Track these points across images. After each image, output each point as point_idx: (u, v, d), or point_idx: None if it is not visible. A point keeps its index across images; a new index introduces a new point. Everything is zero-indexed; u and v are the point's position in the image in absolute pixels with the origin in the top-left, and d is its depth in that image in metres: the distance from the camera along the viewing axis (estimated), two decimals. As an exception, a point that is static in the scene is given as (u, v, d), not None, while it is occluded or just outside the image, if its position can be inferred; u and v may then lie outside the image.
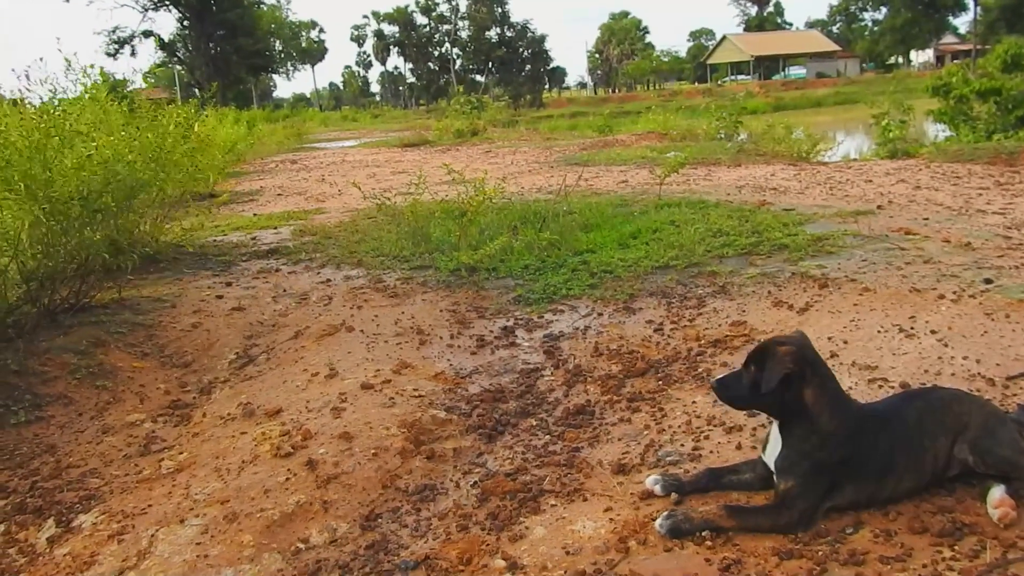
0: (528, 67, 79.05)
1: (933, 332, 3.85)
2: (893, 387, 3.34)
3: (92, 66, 5.82)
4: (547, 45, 79.93)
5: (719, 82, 77.67)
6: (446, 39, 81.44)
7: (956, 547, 2.31)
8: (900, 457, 2.54)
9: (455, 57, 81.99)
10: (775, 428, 2.64)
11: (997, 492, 2.45)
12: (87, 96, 5.87)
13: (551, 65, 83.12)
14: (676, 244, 5.75)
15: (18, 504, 3.28)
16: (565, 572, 2.47)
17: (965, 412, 2.58)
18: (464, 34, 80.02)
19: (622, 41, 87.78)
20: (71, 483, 3.47)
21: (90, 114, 5.27)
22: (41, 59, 5.32)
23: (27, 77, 5.34)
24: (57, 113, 4.55)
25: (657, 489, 2.79)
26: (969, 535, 2.36)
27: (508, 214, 7.17)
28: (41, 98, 5.43)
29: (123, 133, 4.83)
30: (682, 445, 3.15)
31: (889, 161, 11.35)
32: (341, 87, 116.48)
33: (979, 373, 3.45)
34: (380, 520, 3.01)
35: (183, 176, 5.59)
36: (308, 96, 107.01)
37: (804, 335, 2.70)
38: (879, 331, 3.96)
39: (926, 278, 4.62)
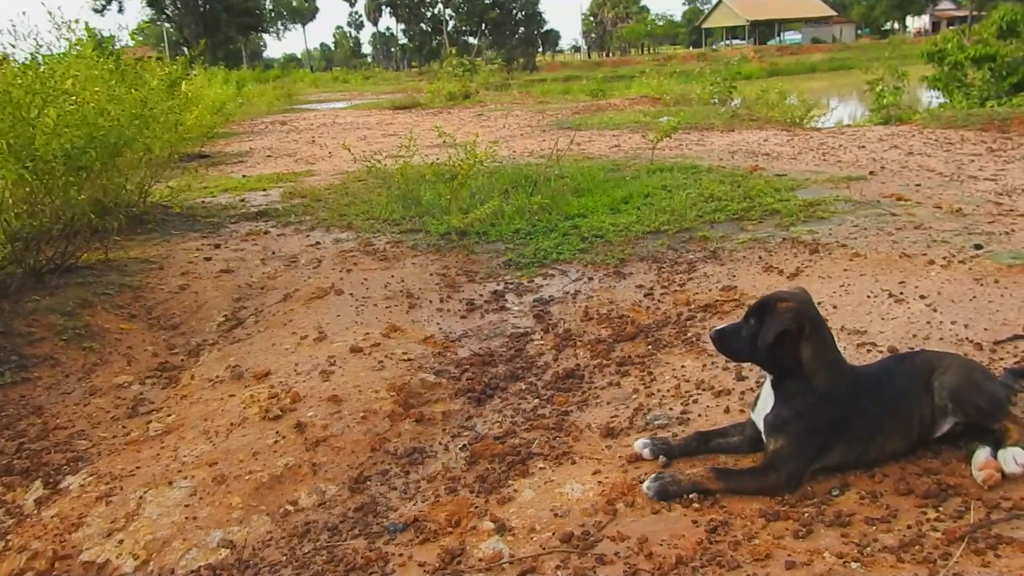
0: (521, 30, 78.25)
1: (922, 297, 3.86)
2: (881, 351, 3.35)
3: (76, 21, 5.70)
4: (541, 8, 79.01)
5: (714, 47, 77.14)
6: (439, 0, 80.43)
7: (940, 508, 2.32)
8: (888, 418, 2.55)
9: (448, 18, 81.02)
10: (768, 386, 2.64)
11: (982, 454, 2.46)
12: (72, 53, 5.76)
13: (545, 28, 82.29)
14: (667, 209, 5.72)
15: (5, 465, 3.27)
16: (553, 534, 2.47)
17: (947, 366, 2.59)
18: (457, -6, 79.03)
19: (617, 4, 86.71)
20: (58, 445, 3.46)
21: (75, 71, 5.17)
22: (24, 13, 5.20)
23: (12, 33, 5.23)
24: (42, 70, 4.47)
25: (646, 453, 2.80)
26: (954, 496, 2.37)
27: (499, 178, 7.12)
28: (26, 53, 5.32)
29: (106, 89, 4.73)
30: (671, 409, 3.15)
31: (882, 127, 11.31)
32: (332, 48, 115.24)
33: (967, 338, 3.45)
34: (369, 483, 3.02)
35: (169, 135, 5.51)
36: (299, 57, 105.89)
37: (806, 292, 2.70)
38: (868, 296, 3.96)
39: (916, 243, 4.61)
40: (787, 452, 2.52)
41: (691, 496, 2.54)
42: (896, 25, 79.97)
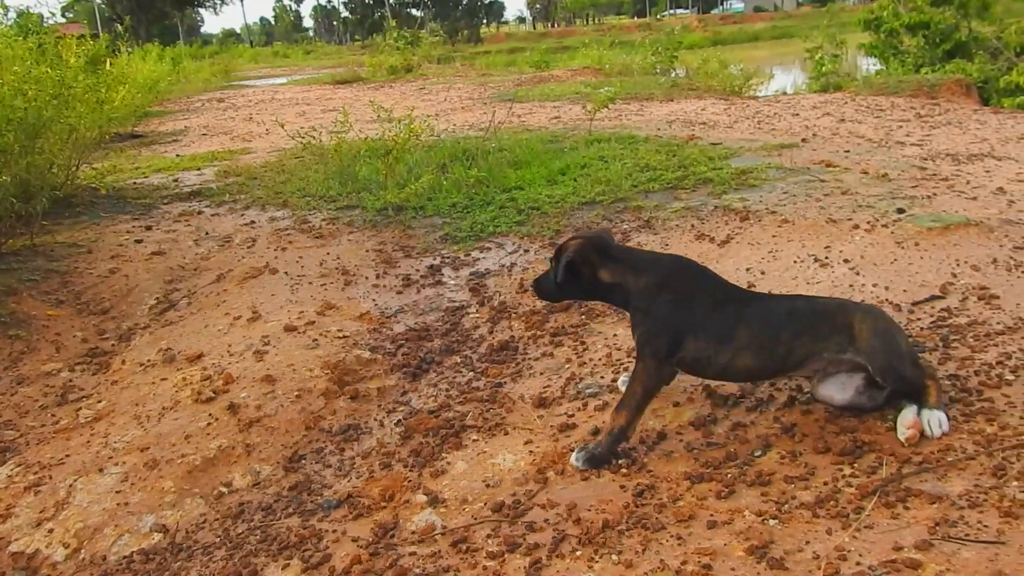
0: (465, 1, 77.53)
1: (846, 261, 3.96)
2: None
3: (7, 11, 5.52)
4: (483, -22, 78.38)
5: (658, 16, 77.39)
6: (379, -29, 79.25)
7: (856, 465, 2.40)
8: (742, 333, 2.61)
9: (389, -10, 79.85)
10: None
11: (909, 413, 2.51)
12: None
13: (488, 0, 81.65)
14: (603, 180, 5.75)
15: (-70, 457, 3.20)
16: (485, 504, 2.51)
17: (851, 324, 2.59)
18: (398, -34, 77.95)
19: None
20: (-16, 435, 3.40)
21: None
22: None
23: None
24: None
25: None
26: (868, 452, 2.45)
27: (437, 152, 7.08)
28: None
29: (23, 69, 4.59)
30: (602, 378, 3.21)
31: (816, 95, 11.48)
32: (272, 22, 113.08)
33: (887, 300, 3.56)
34: (303, 461, 3.03)
35: (94, 115, 5.35)
36: (238, 32, 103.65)
37: (604, 230, 2.98)
38: (795, 261, 4.05)
39: (843, 209, 4.72)
40: (642, 344, 2.66)
41: (620, 462, 2.60)
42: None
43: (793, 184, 5.34)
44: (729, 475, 2.45)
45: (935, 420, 2.50)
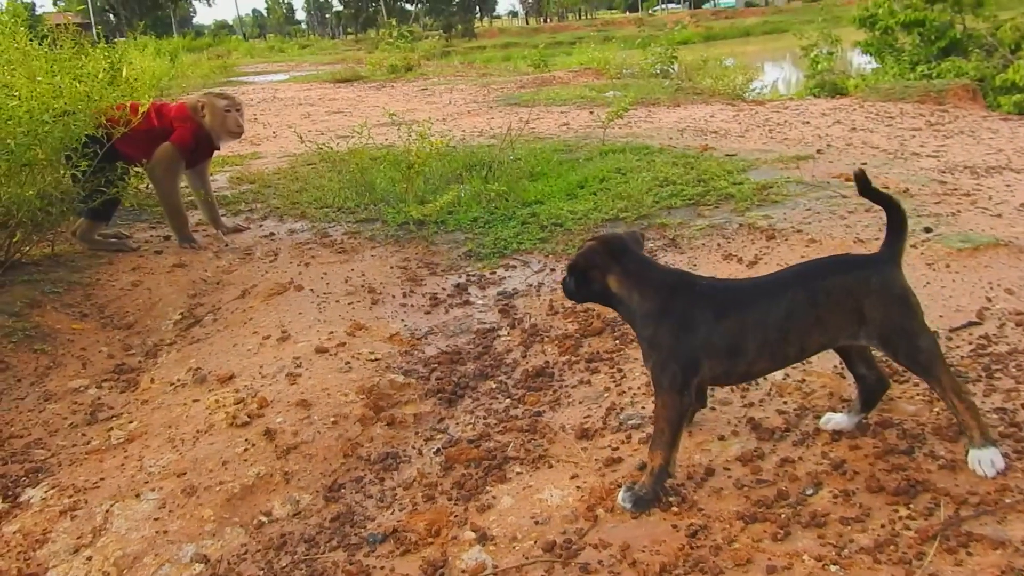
0: (459, -4, 77.41)
1: (879, 285, 3.94)
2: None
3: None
4: (478, -26, 78.27)
5: (650, 11, 77.47)
6: (374, -35, 79.02)
7: (911, 505, 2.39)
8: (751, 342, 2.52)
9: (384, -15, 79.65)
10: None
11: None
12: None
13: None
14: (624, 195, 5.73)
15: (-41, 479, 3.17)
16: (535, 543, 2.49)
17: (860, 307, 2.51)
18: (393, -40, 77.77)
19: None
20: (15, 455, 3.36)
21: (6, 55, 4.95)
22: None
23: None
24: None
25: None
26: (923, 492, 2.43)
27: (452, 161, 7.05)
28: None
29: (47, 82, 4.54)
30: (643, 408, 3.19)
31: (825, 101, 11.48)
32: (265, 14, 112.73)
33: (924, 326, 3.55)
34: (343, 491, 3.00)
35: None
36: (230, 23, 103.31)
37: (632, 233, 2.79)
38: (827, 285, 4.04)
39: (869, 227, 4.71)
40: (657, 375, 2.55)
41: (670, 499, 2.59)
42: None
43: (815, 200, 5.33)
44: (783, 515, 2.44)
45: (987, 460, 2.49)
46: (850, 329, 2.55)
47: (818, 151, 7.07)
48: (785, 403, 3.08)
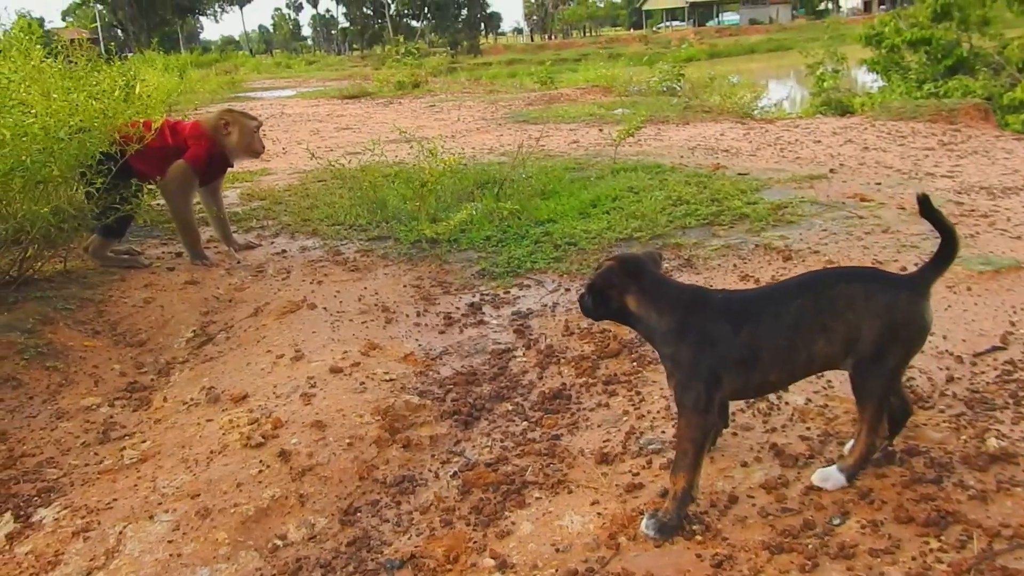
0: (464, 12, 77.85)
1: (899, 308, 3.90)
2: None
3: (6, 8, 5.47)
4: (483, -10, 78.86)
5: (654, 28, 77.82)
6: (381, -17, 79.57)
7: (942, 537, 2.34)
8: (764, 352, 2.52)
9: (390, 2, 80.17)
10: None
11: None
12: (14, 49, 5.49)
13: (488, 11, 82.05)
14: (638, 214, 5.70)
15: (-30, 497, 3.13)
16: (556, 571, 2.45)
17: (859, 322, 2.47)
18: (399, -23, 78.36)
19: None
20: (27, 474, 3.32)
21: (21, 71, 4.94)
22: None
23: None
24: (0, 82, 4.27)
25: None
26: (953, 524, 2.39)
27: (463, 178, 7.03)
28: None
29: (63, 99, 4.54)
30: (663, 432, 3.14)
31: (834, 119, 11.47)
32: (271, 30, 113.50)
33: (946, 350, 3.51)
34: (360, 514, 2.95)
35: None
36: (237, 39, 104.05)
37: (651, 252, 2.78)
38: (846, 307, 4.00)
39: (887, 249, 4.68)
40: (680, 394, 2.54)
41: (694, 528, 2.54)
42: (830, 5, 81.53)
43: (831, 221, 5.30)
44: (810, 546, 2.39)
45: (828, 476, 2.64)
46: (849, 343, 2.50)
47: (831, 171, 7.05)
48: (808, 429, 3.04)
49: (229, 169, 5.88)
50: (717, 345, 2.52)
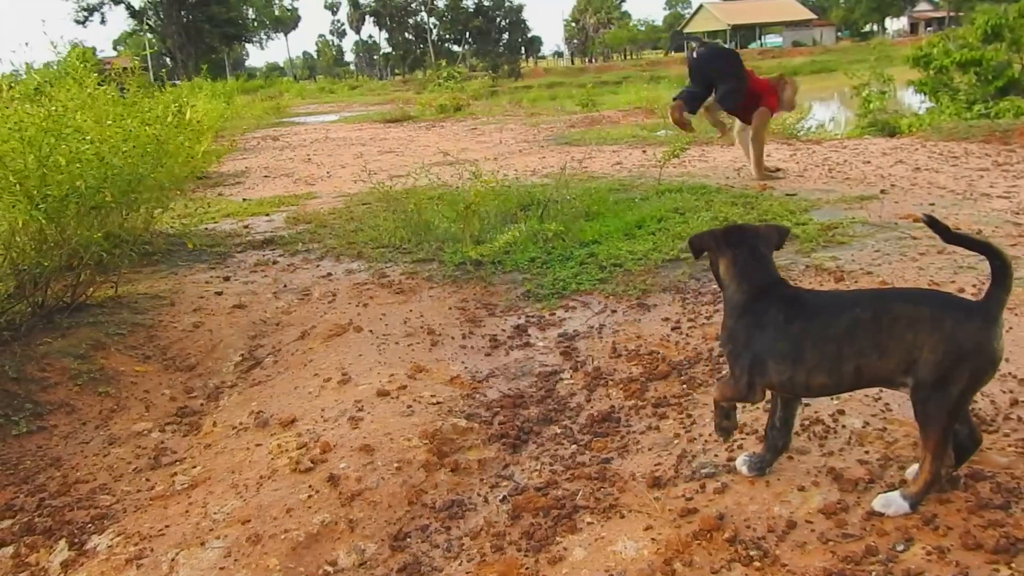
0: (506, 36, 78.48)
1: (958, 330, 3.80)
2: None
3: (62, 38, 5.64)
4: (524, 15, 79.43)
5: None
6: (422, 8, 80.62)
7: (1013, 564, 2.25)
8: (809, 351, 2.56)
9: (431, 27, 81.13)
10: None
11: None
12: (69, 77, 5.63)
13: (529, 35, 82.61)
14: (684, 235, 5.63)
15: (26, 524, 3.16)
16: (611, 598, 2.40)
17: (919, 345, 2.41)
18: (441, 3, 79.24)
19: (599, 10, 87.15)
20: (80, 500, 3.34)
21: (77, 99, 5.06)
22: (27, 44, 5.10)
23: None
24: (56, 109, 4.38)
25: (744, 471, 2.90)
26: (1024, 551, 2.30)
27: (507, 200, 7.03)
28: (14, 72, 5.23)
29: (117, 126, 4.64)
30: (716, 456, 3.08)
31: (884, 140, 11.29)
32: (315, 56, 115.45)
33: (1010, 373, 3.40)
34: (409, 539, 2.92)
35: (181, 169, 5.40)
36: (281, 65, 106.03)
37: (770, 227, 2.86)
38: (902, 329, 3.90)
39: (943, 270, 4.56)
40: (731, 360, 2.75)
41: (751, 554, 2.47)
42: (875, 27, 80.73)
43: (884, 241, 5.19)
44: (874, 573, 2.31)
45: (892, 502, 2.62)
46: (908, 365, 2.45)
47: (882, 191, 6.92)
48: (867, 452, 2.95)
49: (273, 192, 5.93)
50: (766, 331, 2.64)
